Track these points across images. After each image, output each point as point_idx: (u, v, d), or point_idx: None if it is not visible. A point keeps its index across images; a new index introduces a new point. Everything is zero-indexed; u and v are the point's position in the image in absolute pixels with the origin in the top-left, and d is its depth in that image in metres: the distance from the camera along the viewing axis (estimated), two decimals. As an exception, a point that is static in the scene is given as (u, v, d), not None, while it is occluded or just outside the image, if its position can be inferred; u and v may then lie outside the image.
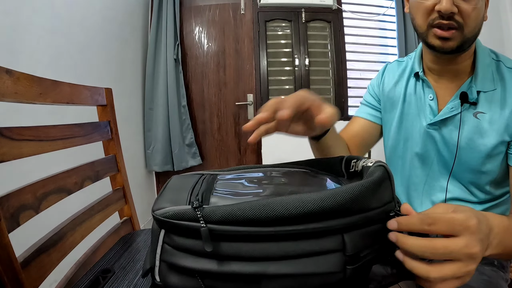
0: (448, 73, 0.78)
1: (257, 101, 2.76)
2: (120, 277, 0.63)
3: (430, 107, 0.81)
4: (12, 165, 0.58)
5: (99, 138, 0.88)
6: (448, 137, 0.78)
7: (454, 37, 0.68)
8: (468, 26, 0.68)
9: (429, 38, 0.72)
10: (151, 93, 2.65)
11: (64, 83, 0.73)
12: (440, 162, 0.81)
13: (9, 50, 1.31)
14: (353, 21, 2.81)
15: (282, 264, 0.38)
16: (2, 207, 0.50)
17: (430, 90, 0.81)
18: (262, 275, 0.38)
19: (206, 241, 0.36)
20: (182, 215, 0.38)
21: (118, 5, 2.27)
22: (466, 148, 0.75)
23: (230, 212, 0.37)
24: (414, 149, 0.85)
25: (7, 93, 0.55)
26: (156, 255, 0.41)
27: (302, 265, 0.38)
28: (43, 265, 0.59)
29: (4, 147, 0.53)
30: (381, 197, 0.40)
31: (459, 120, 0.75)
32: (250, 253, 0.38)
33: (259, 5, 2.72)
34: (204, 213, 0.37)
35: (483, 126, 0.73)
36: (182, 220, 0.38)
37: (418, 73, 0.83)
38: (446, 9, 0.65)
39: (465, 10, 0.66)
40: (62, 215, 0.72)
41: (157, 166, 2.67)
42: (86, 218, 0.77)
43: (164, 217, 0.38)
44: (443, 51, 0.71)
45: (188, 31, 2.80)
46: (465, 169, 0.77)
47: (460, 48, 0.70)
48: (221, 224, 0.37)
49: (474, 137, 0.74)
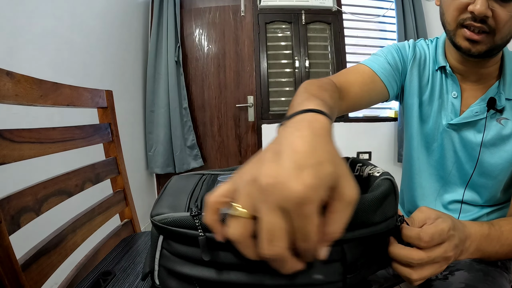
0: (474, 75, 0.75)
1: (257, 103, 2.76)
2: (120, 279, 0.63)
3: (452, 105, 0.77)
4: (12, 167, 0.58)
5: (100, 140, 0.88)
6: (468, 140, 0.76)
7: (484, 41, 0.65)
8: (501, 33, 0.63)
9: (457, 38, 0.68)
10: (152, 95, 2.65)
11: (64, 85, 0.73)
12: (457, 164, 0.80)
13: (9, 52, 1.31)
14: (353, 22, 2.81)
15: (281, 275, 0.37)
16: (3, 209, 0.50)
17: (456, 88, 0.77)
18: (260, 286, 0.37)
19: (203, 251, 0.36)
20: (181, 222, 0.37)
21: (118, 7, 2.28)
22: (487, 153, 0.74)
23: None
24: (431, 145, 0.82)
25: (8, 95, 0.55)
26: (155, 260, 0.41)
27: (301, 276, 0.37)
28: (44, 267, 0.59)
29: (4, 149, 0.53)
30: (384, 211, 0.39)
31: (482, 124, 0.73)
32: (247, 263, 0.36)
33: (259, 7, 2.72)
34: (203, 221, 0.35)
35: (507, 132, 0.72)
36: (180, 228, 0.37)
37: (445, 68, 0.78)
38: (480, 11, 0.61)
39: (500, 16, 0.61)
40: (63, 217, 0.72)
41: (159, 168, 2.67)
42: (87, 220, 0.77)
43: (162, 223, 0.38)
44: (469, 54, 0.67)
45: (188, 33, 2.81)
46: (481, 174, 0.76)
47: (488, 53, 0.67)
48: None
49: (497, 142, 0.73)
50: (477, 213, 0.81)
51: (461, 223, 0.49)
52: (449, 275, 0.71)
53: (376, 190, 0.38)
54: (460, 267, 0.71)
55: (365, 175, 0.47)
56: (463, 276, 0.69)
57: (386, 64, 0.81)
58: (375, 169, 0.46)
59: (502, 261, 0.76)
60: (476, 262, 0.73)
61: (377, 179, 0.42)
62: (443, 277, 0.71)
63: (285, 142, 0.29)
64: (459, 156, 0.79)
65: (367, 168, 0.48)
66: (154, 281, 0.42)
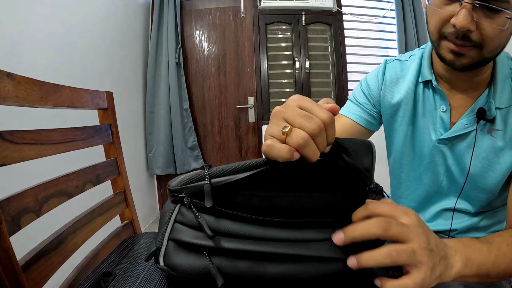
0: (463, 84, 0.70)
1: (257, 104, 2.76)
2: (121, 280, 0.63)
3: (441, 119, 0.73)
4: (13, 169, 0.58)
5: (100, 141, 0.88)
6: (460, 154, 0.72)
7: (469, 55, 0.60)
8: (488, 46, 0.58)
9: (441, 50, 0.64)
10: (152, 97, 2.66)
11: (65, 87, 0.74)
12: (449, 178, 0.77)
13: (10, 54, 1.31)
14: (353, 23, 2.82)
15: (286, 246, 0.40)
16: (3, 210, 0.50)
17: (444, 102, 0.73)
18: (265, 254, 0.39)
19: (207, 197, 0.38)
20: (197, 176, 0.39)
21: (119, 9, 2.28)
22: (480, 167, 0.70)
23: (234, 168, 0.39)
24: (422, 163, 0.79)
25: (8, 96, 0.55)
26: (165, 235, 0.42)
27: (305, 249, 0.40)
28: (44, 269, 0.59)
29: (5, 150, 0.53)
30: (363, 160, 0.43)
31: (472, 137, 0.69)
32: (254, 233, 0.40)
33: (259, 8, 2.73)
34: (213, 170, 0.39)
35: (499, 144, 0.67)
36: (197, 182, 0.39)
37: (431, 82, 0.74)
38: (462, 25, 0.55)
39: (486, 30, 0.56)
40: (63, 219, 0.72)
41: (160, 169, 2.67)
42: (87, 221, 0.77)
43: (182, 184, 0.40)
44: (453, 67, 0.63)
45: (188, 35, 2.81)
46: (476, 188, 0.73)
47: (474, 66, 0.62)
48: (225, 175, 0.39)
49: (489, 155, 0.69)
50: (468, 220, 0.79)
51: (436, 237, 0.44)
52: None
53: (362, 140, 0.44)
54: None
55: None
56: None
57: (356, 106, 0.87)
58: None
59: None
60: None
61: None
62: None
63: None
64: (452, 171, 0.75)
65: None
66: (158, 261, 0.42)
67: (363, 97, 0.87)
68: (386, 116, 0.84)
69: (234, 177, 0.39)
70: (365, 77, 0.89)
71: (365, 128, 0.86)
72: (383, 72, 0.84)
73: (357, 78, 2.82)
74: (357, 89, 0.89)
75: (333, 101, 0.43)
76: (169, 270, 0.42)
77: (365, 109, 0.86)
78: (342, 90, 2.75)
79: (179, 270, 0.41)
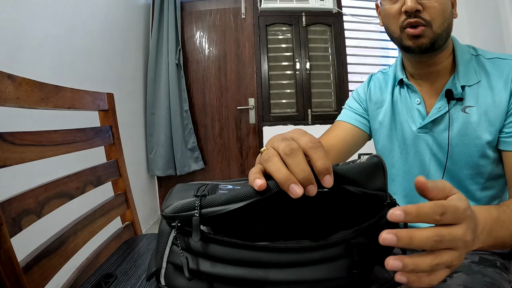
0: (430, 75, 0.80)
1: (258, 105, 2.76)
2: (122, 281, 0.63)
3: (418, 111, 0.81)
4: (14, 170, 0.58)
5: (101, 143, 0.88)
6: (440, 137, 0.78)
7: (425, 34, 0.71)
8: (436, 21, 0.70)
9: (404, 41, 0.74)
10: (153, 98, 2.66)
11: (65, 88, 0.74)
12: (435, 163, 0.81)
13: (11, 56, 1.32)
14: (353, 24, 2.82)
15: (287, 271, 0.39)
16: (4, 211, 0.50)
17: (416, 95, 0.82)
18: (265, 281, 0.39)
19: (195, 230, 0.37)
20: (190, 206, 0.39)
21: (119, 10, 2.29)
22: (460, 144, 0.76)
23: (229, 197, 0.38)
24: (409, 155, 0.85)
25: (9, 98, 0.55)
26: (164, 257, 0.42)
27: (309, 272, 0.39)
28: (45, 270, 0.59)
29: (6, 152, 0.53)
30: (375, 182, 0.41)
31: (447, 118, 0.76)
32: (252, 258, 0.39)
33: (260, 10, 2.73)
34: (205, 201, 0.38)
35: (474, 119, 0.74)
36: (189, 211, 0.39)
37: (402, 80, 0.85)
38: (410, 7, 0.69)
39: (429, 6, 0.70)
40: (64, 220, 0.72)
41: (160, 171, 2.67)
42: (88, 223, 0.77)
43: (174, 212, 0.39)
44: (418, 49, 0.73)
45: (189, 36, 2.82)
46: (462, 166, 0.77)
47: (433, 45, 0.72)
48: (218, 206, 0.38)
49: (467, 132, 0.74)
50: None
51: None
52: (447, 277, 0.71)
53: (370, 161, 0.42)
54: (458, 269, 0.71)
55: None
56: (461, 278, 0.68)
57: (350, 112, 0.97)
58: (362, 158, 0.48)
59: (502, 261, 0.76)
60: (474, 263, 0.73)
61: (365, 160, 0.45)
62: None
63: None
64: (437, 157, 0.80)
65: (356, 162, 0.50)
66: (160, 281, 0.42)
67: (355, 103, 0.98)
68: (371, 119, 0.95)
69: (226, 208, 0.38)
70: (356, 89, 1.02)
71: (361, 130, 0.95)
72: (368, 83, 0.97)
73: (358, 79, 2.82)
74: (349, 99, 1.02)
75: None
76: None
77: (358, 113, 0.96)
78: (342, 91, 2.75)
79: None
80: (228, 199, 0.38)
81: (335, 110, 2.77)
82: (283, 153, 0.36)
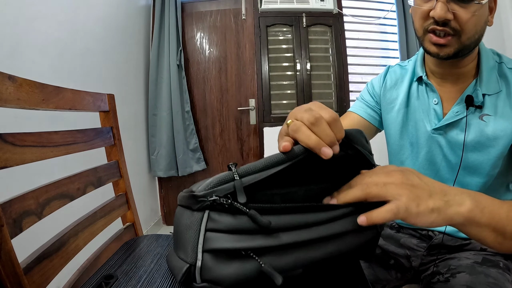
0: (452, 76, 0.77)
1: (259, 106, 2.76)
2: (123, 282, 0.63)
3: (434, 111, 0.79)
4: (14, 171, 0.58)
5: (102, 144, 0.88)
6: (454, 141, 0.77)
7: (450, 44, 0.67)
8: (466, 33, 0.65)
9: (425, 44, 0.71)
10: (154, 99, 2.66)
11: (66, 89, 0.74)
12: (447, 167, 0.80)
13: (11, 56, 1.32)
14: (354, 25, 2.82)
15: (329, 226, 0.42)
16: (5, 212, 0.50)
17: (435, 94, 0.79)
18: (310, 240, 0.40)
19: (239, 193, 0.37)
20: (226, 178, 0.38)
21: (120, 11, 2.29)
22: (474, 152, 0.74)
23: (265, 163, 0.40)
24: (420, 154, 0.84)
25: (10, 99, 0.55)
26: (198, 247, 0.38)
27: (339, 226, 0.43)
28: (46, 271, 0.59)
29: (6, 153, 0.53)
30: (364, 145, 0.48)
31: (464, 123, 0.74)
32: (298, 221, 0.40)
33: (260, 10, 2.73)
34: (240, 170, 0.39)
35: (490, 128, 0.72)
36: (226, 183, 0.38)
37: (421, 77, 0.82)
38: (439, 16, 0.63)
39: (462, 17, 0.64)
40: (65, 221, 0.72)
41: (162, 172, 2.68)
42: (89, 224, 0.77)
43: (210, 188, 0.38)
44: (439, 57, 0.70)
45: (189, 37, 2.82)
46: (474, 173, 0.76)
47: (457, 55, 0.68)
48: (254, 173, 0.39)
49: (481, 140, 0.73)
50: None
51: (430, 180, 0.47)
52: (450, 277, 0.71)
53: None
54: (461, 270, 0.71)
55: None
56: (464, 278, 0.68)
57: (362, 103, 0.97)
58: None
59: (505, 262, 0.75)
60: (477, 264, 0.73)
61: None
62: (444, 279, 0.71)
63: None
64: (449, 159, 0.79)
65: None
66: (194, 279, 0.38)
67: (368, 95, 0.97)
68: (384, 112, 0.93)
69: (263, 174, 0.39)
70: (371, 80, 1.00)
71: (370, 123, 0.95)
72: (385, 76, 0.94)
73: (358, 80, 2.82)
74: (364, 90, 1.00)
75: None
76: (212, 286, 0.38)
77: (370, 106, 0.95)
78: (343, 92, 2.75)
79: (228, 282, 0.37)
80: (265, 165, 0.39)
81: (336, 111, 2.76)
82: (309, 123, 0.41)
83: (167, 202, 2.90)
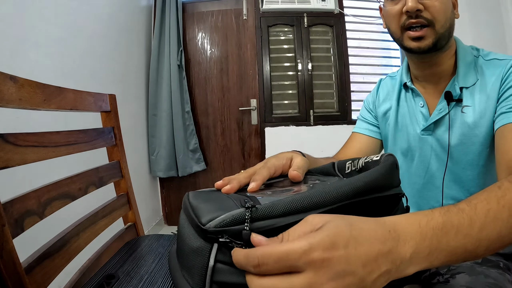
0: (433, 77, 0.80)
1: (260, 106, 2.76)
2: (124, 282, 0.63)
3: (422, 114, 0.83)
4: (16, 171, 0.58)
5: (103, 144, 0.89)
6: (442, 138, 0.80)
7: (427, 35, 0.71)
8: (438, 21, 0.70)
9: (405, 42, 0.75)
10: (154, 99, 2.66)
11: (68, 90, 0.74)
12: (438, 165, 0.83)
13: (13, 57, 1.32)
14: (355, 25, 2.81)
15: None
16: (7, 212, 0.51)
17: (420, 98, 0.83)
18: None
19: (248, 245, 0.34)
20: (239, 218, 0.35)
21: (121, 12, 2.30)
22: (460, 144, 0.77)
23: (286, 204, 0.35)
24: (414, 159, 0.87)
25: (12, 99, 0.55)
26: (207, 279, 0.36)
27: None
28: (47, 271, 0.59)
29: (8, 153, 0.53)
30: (396, 179, 0.45)
31: (448, 119, 0.77)
32: None
33: (262, 11, 2.73)
34: (257, 212, 0.35)
35: (470, 117, 0.75)
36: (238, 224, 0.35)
37: (406, 84, 0.86)
38: (412, 7, 0.69)
39: (431, 5, 0.70)
40: (66, 221, 0.73)
41: (162, 172, 2.68)
42: (90, 224, 0.77)
43: (222, 226, 0.35)
44: (420, 51, 0.73)
45: (191, 37, 2.82)
46: (464, 166, 0.78)
47: (436, 45, 0.72)
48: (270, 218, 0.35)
49: (464, 131, 0.76)
50: None
51: (381, 223, 0.34)
52: (450, 278, 0.70)
53: (387, 162, 0.45)
54: (461, 270, 0.71)
55: (361, 166, 0.53)
56: (464, 279, 0.68)
57: (363, 122, 1.00)
58: (370, 156, 0.52)
59: (505, 262, 0.75)
60: (477, 264, 0.73)
61: (381, 158, 0.49)
62: (444, 280, 0.71)
63: None
64: (440, 158, 0.81)
65: (361, 160, 0.53)
66: None
67: (367, 112, 1.00)
68: (381, 125, 0.97)
69: (281, 222, 0.35)
70: (366, 97, 1.04)
71: (375, 138, 0.98)
72: (377, 90, 0.99)
73: (360, 80, 2.81)
74: (362, 108, 1.03)
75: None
76: None
77: (370, 122, 0.99)
78: (344, 92, 2.75)
79: None
80: (287, 210, 0.35)
81: (337, 111, 2.77)
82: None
83: (168, 202, 2.90)
